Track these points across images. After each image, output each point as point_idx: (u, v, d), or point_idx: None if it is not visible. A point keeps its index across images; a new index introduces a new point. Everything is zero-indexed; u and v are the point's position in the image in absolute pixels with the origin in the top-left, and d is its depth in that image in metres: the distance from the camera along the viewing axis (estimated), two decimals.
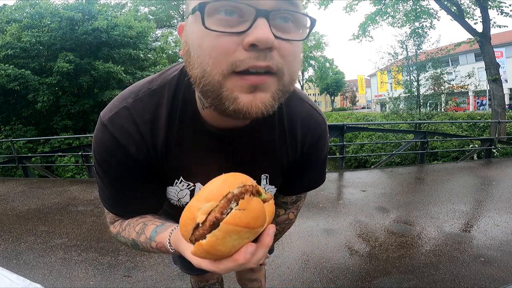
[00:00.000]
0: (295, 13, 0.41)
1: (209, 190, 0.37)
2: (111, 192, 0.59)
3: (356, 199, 3.57)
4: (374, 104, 37.39)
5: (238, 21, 0.39)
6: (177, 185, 0.61)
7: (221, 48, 0.38)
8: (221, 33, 0.38)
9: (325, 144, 0.69)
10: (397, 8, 10.53)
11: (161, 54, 14.86)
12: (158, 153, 0.55)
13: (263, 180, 0.66)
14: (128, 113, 0.52)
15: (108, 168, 0.55)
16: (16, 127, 10.86)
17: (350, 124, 6.32)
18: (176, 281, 1.94)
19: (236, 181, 0.38)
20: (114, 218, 0.64)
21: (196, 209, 0.36)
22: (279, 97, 0.43)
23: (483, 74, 11.21)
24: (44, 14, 10.65)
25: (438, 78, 10.67)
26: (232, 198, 0.36)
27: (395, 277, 1.94)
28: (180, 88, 0.54)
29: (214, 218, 0.35)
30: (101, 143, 0.53)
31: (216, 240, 0.35)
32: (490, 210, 3.11)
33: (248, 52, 0.38)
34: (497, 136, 6.95)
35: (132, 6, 20.00)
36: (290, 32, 0.41)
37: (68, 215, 3.30)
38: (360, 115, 19.24)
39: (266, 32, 0.37)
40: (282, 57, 0.40)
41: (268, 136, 0.60)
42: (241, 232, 0.36)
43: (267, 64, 0.39)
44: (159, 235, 0.53)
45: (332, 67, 39.93)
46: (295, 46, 0.42)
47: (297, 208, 0.82)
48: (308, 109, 0.64)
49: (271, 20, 0.38)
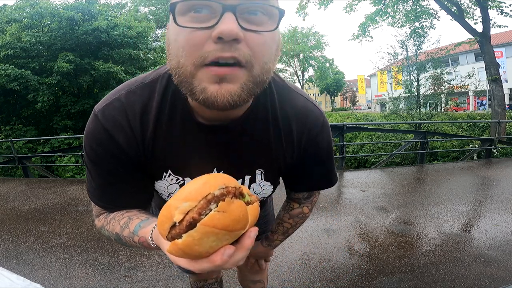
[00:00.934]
0: (262, 5, 0.42)
1: (189, 190, 0.36)
2: (98, 184, 0.59)
3: (356, 199, 3.57)
4: (374, 104, 37.39)
5: (209, 17, 0.41)
6: (166, 179, 0.61)
7: (192, 41, 0.42)
8: (192, 28, 0.41)
9: (326, 137, 0.65)
10: (397, 8, 10.53)
11: (161, 54, 14.84)
12: (146, 144, 0.56)
13: (258, 175, 0.65)
14: (120, 104, 0.54)
15: (96, 159, 0.55)
16: (16, 127, 10.87)
17: (350, 124, 6.32)
18: (176, 281, 1.94)
19: (217, 182, 0.37)
20: (100, 212, 0.64)
21: (174, 208, 0.35)
22: (250, 88, 0.44)
23: (483, 74, 11.21)
24: (44, 14, 10.67)
25: (438, 78, 10.68)
26: (212, 199, 0.35)
27: (395, 277, 1.94)
28: (171, 82, 0.54)
29: (191, 219, 0.34)
30: (91, 133, 0.54)
31: (192, 240, 0.34)
32: (490, 210, 3.11)
33: (215, 45, 0.41)
34: (497, 136, 6.95)
35: (132, 6, 19.99)
36: (261, 24, 0.43)
37: (68, 215, 3.30)
38: (360, 115, 19.25)
39: (230, 25, 0.39)
40: (250, 48, 0.42)
41: (261, 131, 0.59)
42: (219, 234, 0.35)
43: (232, 54, 0.41)
44: (142, 230, 0.52)
45: (332, 67, 39.92)
46: (265, 37, 0.44)
47: (311, 202, 0.80)
48: (303, 102, 0.62)
49: (240, 14, 0.41)
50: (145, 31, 12.57)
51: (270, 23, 0.44)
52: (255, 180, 0.65)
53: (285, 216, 0.83)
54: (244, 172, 0.64)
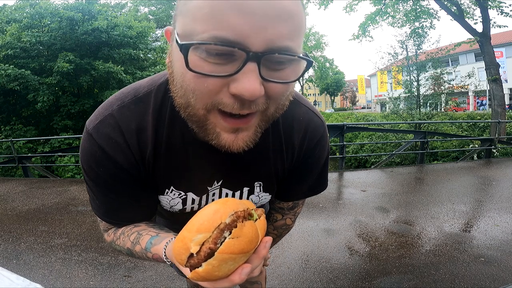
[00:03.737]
0: (290, 58, 0.37)
1: (201, 221, 0.37)
2: (102, 202, 0.58)
3: (356, 199, 3.57)
4: (374, 104, 37.38)
5: (227, 59, 0.36)
6: (168, 194, 0.60)
7: (205, 89, 0.37)
8: (206, 75, 0.36)
9: (324, 149, 0.65)
10: (397, 8, 10.53)
11: (161, 54, 14.84)
12: (146, 163, 0.54)
13: (257, 187, 0.64)
14: (114, 121, 0.50)
15: (97, 178, 0.53)
16: (16, 127, 10.86)
17: (350, 124, 6.31)
18: (176, 281, 1.94)
19: (227, 210, 0.38)
20: (108, 226, 0.63)
21: (189, 240, 0.37)
22: (262, 127, 0.44)
23: (483, 74, 11.21)
24: (44, 14, 10.66)
25: (438, 78, 10.67)
26: (225, 228, 0.37)
27: (395, 277, 1.94)
28: (168, 96, 0.51)
29: (209, 249, 0.36)
30: (88, 153, 0.52)
31: (212, 268, 0.36)
32: (490, 210, 3.11)
33: (232, 99, 0.37)
34: (497, 136, 6.94)
35: (132, 6, 19.99)
36: (283, 68, 0.39)
37: (68, 215, 3.29)
38: (360, 115, 19.24)
39: (253, 85, 0.35)
40: (268, 97, 0.40)
41: (262, 144, 0.56)
42: (236, 258, 0.37)
43: (249, 111, 0.39)
44: (154, 247, 0.53)
45: (332, 67, 39.95)
46: (288, 86, 0.41)
47: (294, 214, 0.79)
48: (305, 112, 0.60)
49: (263, 62, 0.36)
50: (145, 31, 12.57)
51: (295, 71, 0.40)
52: (254, 192, 0.64)
53: (269, 227, 0.83)
54: (243, 185, 0.63)
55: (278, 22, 0.35)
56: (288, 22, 0.36)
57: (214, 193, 0.63)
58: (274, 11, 0.35)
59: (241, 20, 0.34)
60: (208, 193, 0.62)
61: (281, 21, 0.36)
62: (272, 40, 0.35)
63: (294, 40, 0.38)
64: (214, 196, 0.63)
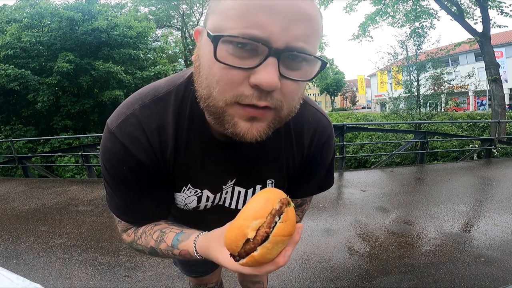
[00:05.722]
0: (307, 57, 0.42)
1: (256, 209, 0.42)
2: (121, 200, 0.59)
3: (356, 199, 3.57)
4: (374, 104, 37.38)
5: (251, 55, 0.40)
6: (185, 192, 0.62)
7: (229, 80, 0.41)
8: (230, 66, 0.40)
9: (331, 148, 0.68)
10: (397, 8, 10.53)
11: (161, 54, 14.87)
12: (166, 161, 0.56)
13: (269, 185, 0.66)
14: (136, 120, 0.52)
15: (119, 176, 0.55)
16: (16, 127, 10.86)
17: (350, 124, 6.32)
18: (176, 281, 1.94)
19: (276, 197, 0.44)
20: (127, 226, 0.64)
21: (246, 227, 0.41)
22: (275, 125, 0.47)
23: (483, 74, 11.21)
24: (44, 14, 10.67)
25: (438, 78, 10.68)
26: (276, 213, 0.42)
27: (395, 277, 1.94)
28: (188, 95, 0.54)
29: (264, 233, 0.41)
30: (111, 152, 0.53)
31: (266, 251, 0.41)
32: (490, 210, 3.11)
33: (252, 90, 0.41)
34: (497, 136, 6.94)
35: (132, 6, 19.97)
36: (299, 68, 0.42)
37: (68, 215, 3.30)
38: (360, 115, 19.25)
39: (271, 76, 0.39)
40: (283, 94, 0.43)
41: (274, 142, 0.60)
42: (285, 240, 0.43)
43: (266, 104, 0.42)
44: (181, 243, 0.56)
45: (332, 67, 39.99)
46: (300, 85, 0.44)
47: (302, 211, 0.81)
48: (314, 113, 0.64)
49: (283, 59, 0.40)
50: (145, 31, 12.58)
51: (309, 72, 0.44)
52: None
53: None
54: (256, 182, 0.65)
55: (299, 24, 0.39)
56: (307, 25, 0.40)
57: (227, 191, 0.65)
58: (297, 14, 0.39)
59: (268, 20, 0.38)
60: (222, 191, 0.64)
61: (302, 24, 0.40)
62: (292, 40, 0.39)
63: (311, 42, 0.41)
64: (227, 194, 0.66)
